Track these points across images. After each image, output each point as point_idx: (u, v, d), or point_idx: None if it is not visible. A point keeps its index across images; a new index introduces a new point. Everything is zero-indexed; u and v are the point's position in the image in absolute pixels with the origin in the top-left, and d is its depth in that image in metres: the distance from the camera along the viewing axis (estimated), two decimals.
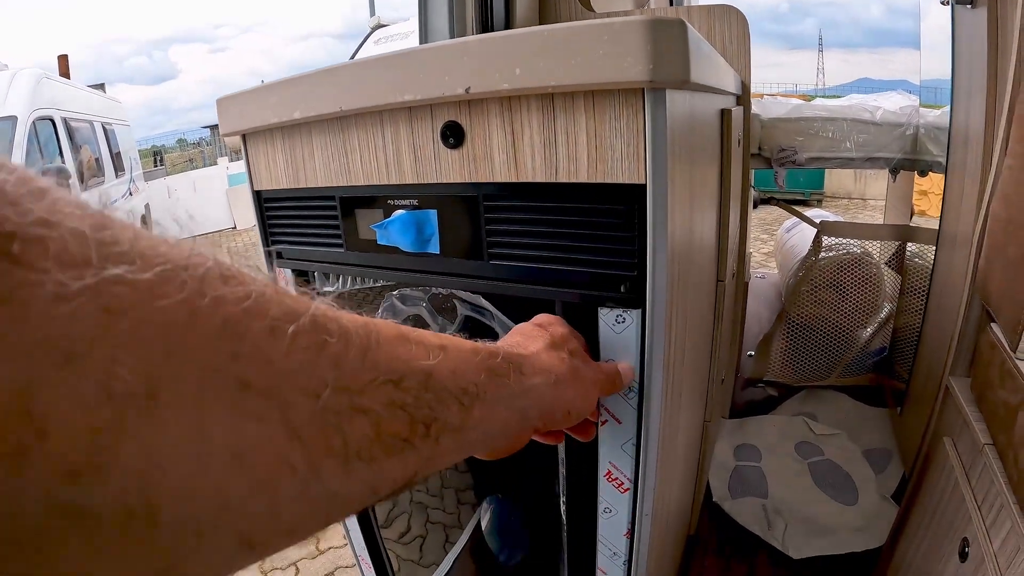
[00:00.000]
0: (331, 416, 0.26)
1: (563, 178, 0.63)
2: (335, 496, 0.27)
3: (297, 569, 2.18)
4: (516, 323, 0.68)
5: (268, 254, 1.01)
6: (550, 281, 0.68)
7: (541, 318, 0.60)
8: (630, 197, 0.60)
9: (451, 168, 0.70)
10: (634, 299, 0.63)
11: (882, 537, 1.56)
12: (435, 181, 0.72)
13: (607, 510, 0.78)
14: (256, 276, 0.26)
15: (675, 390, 0.78)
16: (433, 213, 0.74)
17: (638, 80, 0.55)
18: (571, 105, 0.60)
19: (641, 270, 0.62)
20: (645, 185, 0.59)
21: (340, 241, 0.87)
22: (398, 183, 0.76)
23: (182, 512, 0.20)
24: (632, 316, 0.64)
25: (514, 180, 0.66)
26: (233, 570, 0.23)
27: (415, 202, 0.75)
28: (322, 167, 0.85)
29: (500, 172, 0.67)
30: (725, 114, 1.10)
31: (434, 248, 0.75)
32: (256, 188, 0.99)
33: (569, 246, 0.65)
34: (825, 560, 1.60)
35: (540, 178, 0.64)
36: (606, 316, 0.66)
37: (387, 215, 0.78)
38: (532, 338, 0.53)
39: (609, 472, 0.75)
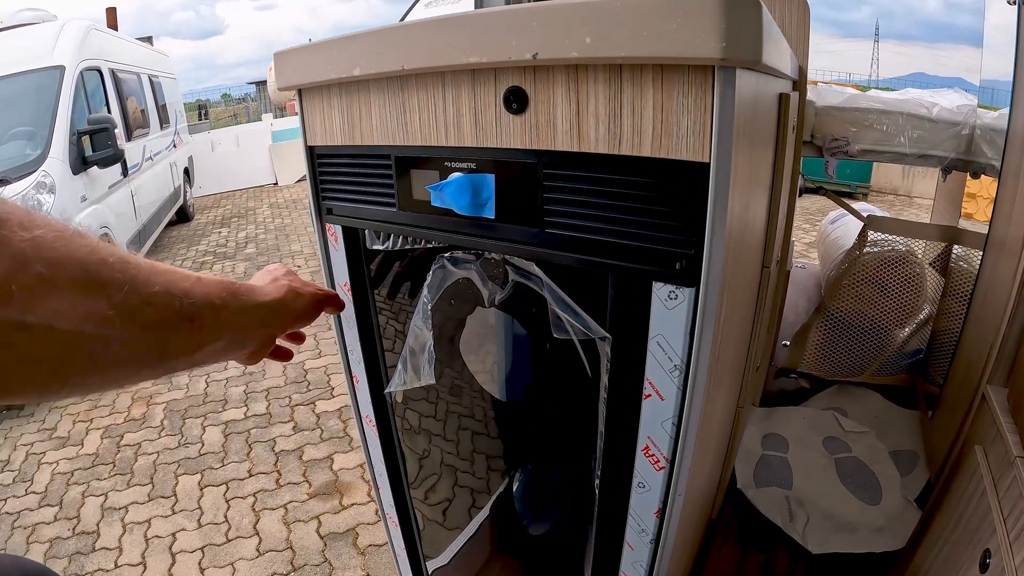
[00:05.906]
0: (134, 302, 0.45)
1: (626, 151, 0.62)
2: (135, 353, 0.47)
3: (320, 522, 2.24)
4: (566, 291, 0.68)
5: (319, 210, 1.02)
6: (605, 252, 0.68)
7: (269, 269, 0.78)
8: (693, 175, 0.59)
9: (512, 134, 0.70)
10: (689, 277, 0.63)
11: (903, 540, 1.55)
12: (495, 146, 0.72)
13: (641, 485, 0.79)
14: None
15: (718, 372, 0.78)
16: (491, 178, 0.74)
17: (710, 57, 0.54)
18: (639, 78, 0.60)
19: (698, 249, 0.62)
20: (708, 164, 0.58)
21: (393, 200, 0.88)
22: (456, 145, 0.76)
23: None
24: (685, 294, 0.64)
25: (576, 150, 0.66)
26: (49, 391, 0.43)
27: (472, 165, 0.76)
28: (379, 125, 0.85)
29: (562, 141, 0.66)
30: (783, 98, 1.08)
31: (489, 213, 0.75)
32: (310, 143, 1.00)
33: (627, 219, 0.65)
34: (843, 558, 1.60)
35: (603, 149, 0.64)
36: (659, 291, 0.66)
37: (443, 177, 0.79)
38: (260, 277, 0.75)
39: (647, 448, 0.75)
